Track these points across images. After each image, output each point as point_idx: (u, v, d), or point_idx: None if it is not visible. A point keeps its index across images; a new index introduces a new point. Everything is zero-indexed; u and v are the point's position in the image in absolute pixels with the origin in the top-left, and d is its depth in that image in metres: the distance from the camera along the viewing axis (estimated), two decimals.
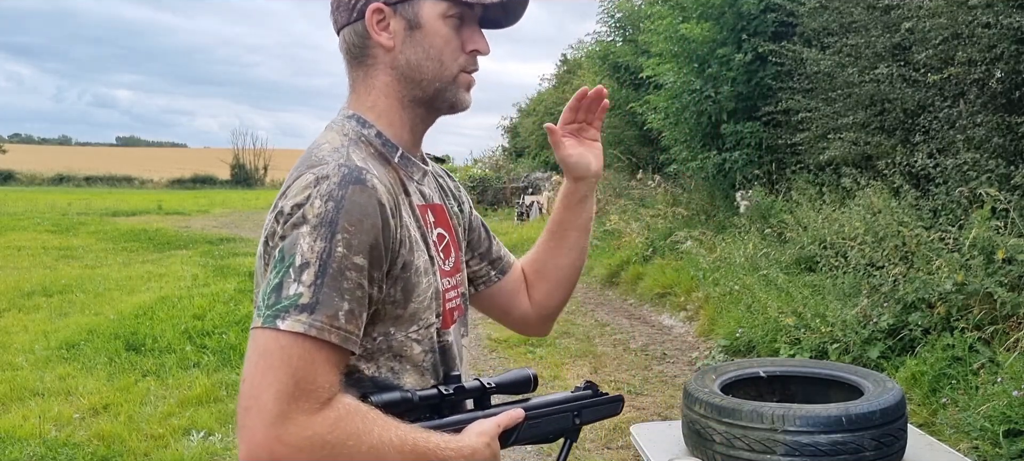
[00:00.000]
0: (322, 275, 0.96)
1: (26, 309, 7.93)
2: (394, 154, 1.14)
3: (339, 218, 0.97)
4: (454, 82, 1.16)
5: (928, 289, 4.45)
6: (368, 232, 0.99)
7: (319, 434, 0.93)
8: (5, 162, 48.26)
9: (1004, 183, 4.81)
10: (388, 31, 1.12)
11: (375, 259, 1.00)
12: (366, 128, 1.14)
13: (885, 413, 2.13)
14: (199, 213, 24.07)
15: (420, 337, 1.11)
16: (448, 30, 1.13)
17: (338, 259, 0.96)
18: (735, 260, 7.09)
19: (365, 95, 1.16)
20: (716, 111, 8.93)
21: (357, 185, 1.00)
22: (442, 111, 1.19)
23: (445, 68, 1.14)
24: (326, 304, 0.95)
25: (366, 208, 1.00)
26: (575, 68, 21.98)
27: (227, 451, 4.14)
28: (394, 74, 1.14)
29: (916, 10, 5.65)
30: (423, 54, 1.13)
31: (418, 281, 1.09)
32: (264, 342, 0.94)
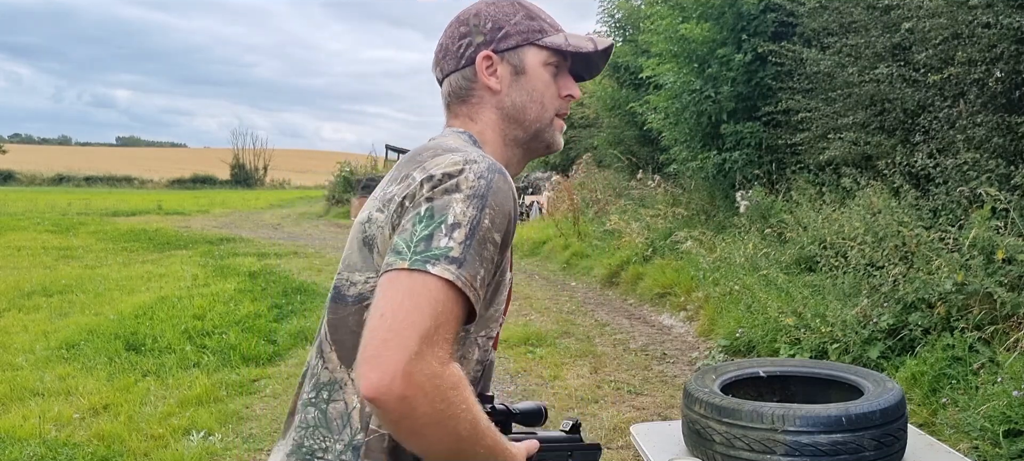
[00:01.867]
0: (471, 238, 1.01)
1: (26, 309, 7.93)
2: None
3: (488, 195, 1.05)
4: (551, 124, 1.27)
5: (928, 289, 4.45)
6: (506, 216, 1.07)
7: (446, 385, 0.95)
8: (5, 162, 48.27)
9: (1004, 183, 4.81)
10: (496, 76, 1.24)
11: (504, 242, 1.08)
12: (476, 146, 1.21)
13: (885, 413, 2.13)
14: (199, 213, 24.07)
15: (482, 343, 1.17)
16: (548, 76, 1.25)
17: (484, 229, 1.03)
18: (735, 260, 7.09)
19: (471, 124, 1.25)
20: (716, 111, 8.93)
21: (500, 174, 1.09)
22: (538, 152, 1.29)
23: (545, 110, 1.25)
24: (471, 264, 1.00)
25: (507, 195, 1.08)
26: None
27: (227, 451, 4.14)
28: (499, 114, 1.24)
29: (916, 10, 5.65)
30: (527, 97, 1.24)
31: (501, 291, 1.16)
32: (411, 283, 0.97)
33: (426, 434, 0.95)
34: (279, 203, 29.43)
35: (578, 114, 19.48)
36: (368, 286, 1.10)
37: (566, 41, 1.26)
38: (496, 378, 5.47)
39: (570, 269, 10.50)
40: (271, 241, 15.47)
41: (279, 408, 4.80)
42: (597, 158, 16.51)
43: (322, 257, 12.51)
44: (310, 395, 1.17)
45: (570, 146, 20.80)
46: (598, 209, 12.92)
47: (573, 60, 1.29)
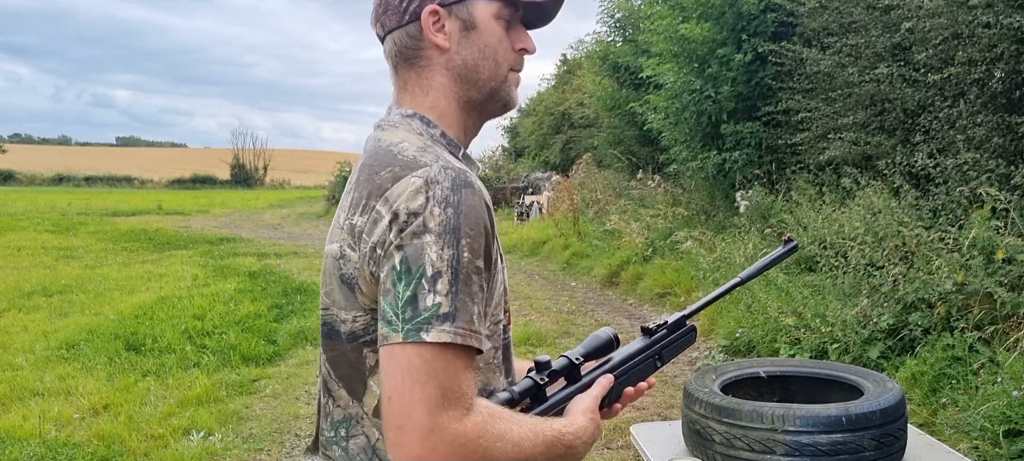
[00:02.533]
0: (455, 282, 0.97)
1: (26, 309, 7.93)
2: (457, 153, 1.15)
3: (461, 224, 0.99)
4: (506, 81, 1.18)
5: (928, 289, 4.45)
6: (483, 235, 1.02)
7: (471, 439, 0.95)
8: (5, 162, 48.27)
9: (1004, 183, 4.81)
10: (444, 32, 1.14)
11: (488, 259, 1.04)
12: (431, 128, 1.14)
13: (885, 413, 2.13)
14: (199, 213, 24.08)
15: (491, 333, 1.11)
16: (500, 30, 1.15)
17: (466, 265, 0.98)
18: (735, 260, 7.09)
19: (422, 96, 1.16)
20: (716, 111, 8.93)
21: (468, 188, 1.02)
22: (495, 112, 1.20)
23: (499, 67, 1.16)
24: (463, 310, 0.97)
25: (479, 211, 1.02)
26: (575, 68, 21.97)
27: (227, 451, 4.14)
28: (450, 75, 1.15)
29: (916, 10, 5.65)
30: (479, 54, 1.14)
31: (498, 279, 1.12)
32: (408, 358, 0.95)
33: None
34: (279, 203, 29.43)
35: (578, 114, 19.49)
36: (358, 324, 1.09)
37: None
38: None
39: (570, 269, 10.50)
40: (271, 241, 15.47)
41: (279, 408, 4.80)
42: (597, 158, 16.51)
43: (322, 257, 12.49)
44: (329, 434, 1.16)
45: (570, 146, 20.80)
46: (598, 209, 12.92)
47: (525, 9, 1.19)
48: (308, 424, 4.51)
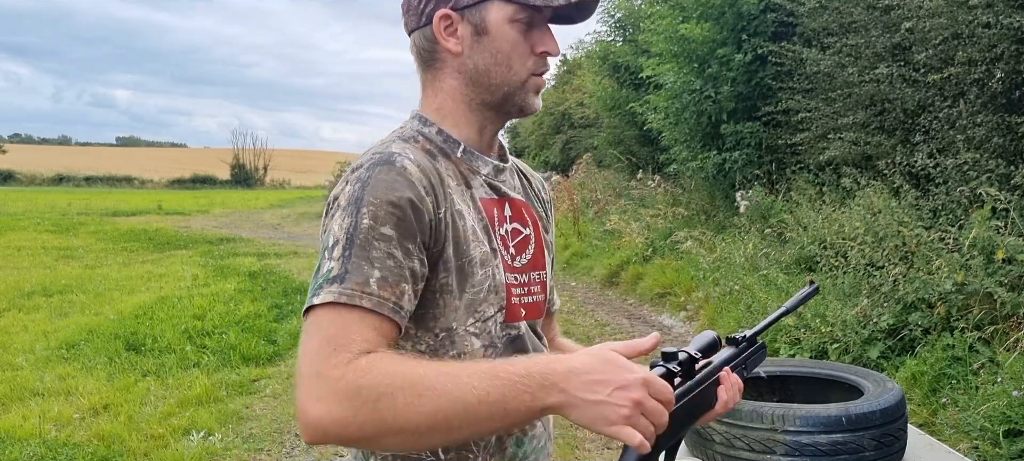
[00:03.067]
0: (350, 247, 0.97)
1: (26, 309, 7.93)
2: (456, 149, 1.14)
3: (365, 194, 1.00)
4: (523, 86, 1.14)
5: (928, 289, 4.45)
6: (394, 205, 1.00)
7: (352, 381, 0.88)
8: (5, 162, 48.27)
9: (1004, 183, 4.81)
10: (456, 36, 1.12)
11: (405, 231, 1.00)
12: (426, 126, 1.15)
13: (885, 413, 2.13)
14: (199, 213, 24.08)
15: (478, 331, 1.10)
16: (515, 34, 1.12)
17: (364, 230, 0.98)
18: (735, 260, 7.09)
19: (433, 97, 1.16)
20: (716, 111, 8.93)
21: (384, 165, 1.03)
22: (512, 114, 1.18)
23: (514, 72, 1.13)
24: (355, 273, 0.96)
25: (392, 183, 1.01)
26: (575, 68, 21.97)
27: (227, 451, 4.14)
28: (462, 78, 1.14)
29: (916, 10, 5.65)
30: (491, 59, 1.12)
31: (473, 271, 1.08)
32: (305, 325, 0.96)
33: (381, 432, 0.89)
34: (279, 203, 29.44)
35: (578, 114, 19.49)
36: None
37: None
38: None
39: (570, 269, 10.50)
40: (271, 241, 15.47)
41: (279, 408, 4.80)
42: (597, 158, 16.52)
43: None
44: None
45: (570, 146, 20.80)
46: (598, 209, 12.93)
47: (555, 9, 1.13)
48: None
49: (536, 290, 1.20)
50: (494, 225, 1.15)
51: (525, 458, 1.16)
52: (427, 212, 1.03)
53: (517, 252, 1.17)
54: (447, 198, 1.07)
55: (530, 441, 1.17)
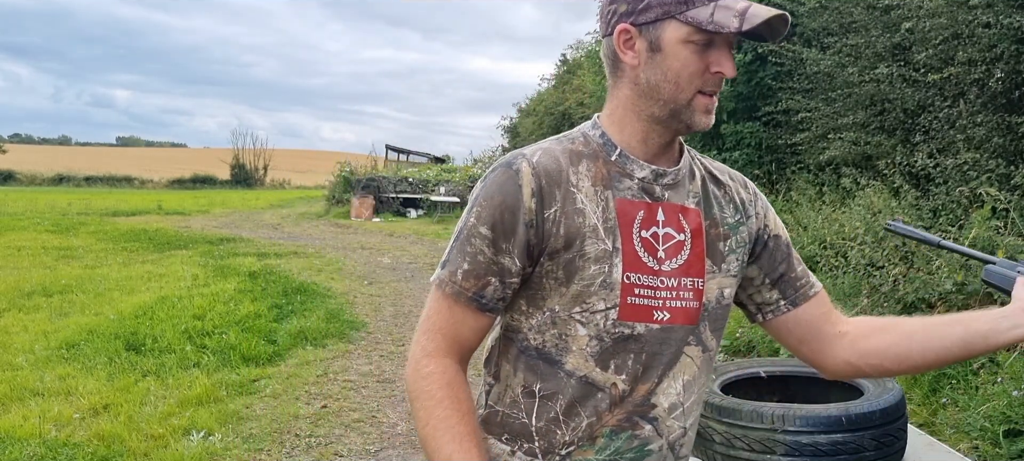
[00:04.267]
0: (457, 239, 1.18)
1: (26, 309, 7.93)
2: (612, 152, 1.21)
3: (480, 195, 1.17)
4: (689, 105, 1.17)
5: (928, 289, 4.45)
6: (497, 207, 1.14)
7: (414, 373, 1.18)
8: (5, 162, 48.29)
9: (1004, 183, 4.81)
10: (633, 50, 1.17)
11: (502, 231, 1.14)
12: (593, 129, 1.23)
13: (885, 413, 2.13)
14: (199, 213, 24.07)
15: (585, 320, 1.17)
16: (688, 53, 1.14)
17: (469, 227, 1.16)
18: None
19: (610, 102, 1.24)
20: (716, 111, 8.94)
21: (502, 167, 1.17)
22: (680, 130, 1.21)
23: (681, 91, 1.16)
24: (452, 262, 1.17)
25: (502, 186, 1.15)
26: (575, 68, 21.97)
27: (227, 451, 4.14)
28: (635, 90, 1.19)
29: (916, 10, 5.65)
30: (661, 76, 1.16)
31: (584, 266, 1.15)
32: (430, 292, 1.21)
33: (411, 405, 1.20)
34: (279, 203, 29.43)
35: (578, 114, 19.49)
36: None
37: (711, 17, 1.12)
38: None
39: None
40: (271, 241, 15.47)
41: (279, 408, 4.80)
42: None
43: (322, 257, 12.51)
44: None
45: None
46: None
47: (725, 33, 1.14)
48: (308, 424, 4.51)
49: (688, 296, 1.22)
50: (630, 226, 1.19)
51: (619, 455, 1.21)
52: (531, 213, 1.14)
53: (668, 256, 1.20)
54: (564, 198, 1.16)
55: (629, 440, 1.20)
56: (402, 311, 7.92)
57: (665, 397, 1.22)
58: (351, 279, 10.11)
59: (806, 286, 1.35)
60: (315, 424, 4.52)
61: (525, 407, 1.21)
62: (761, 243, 1.33)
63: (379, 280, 10.05)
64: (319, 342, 6.42)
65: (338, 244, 14.68)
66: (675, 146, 1.26)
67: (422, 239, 15.75)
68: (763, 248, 1.34)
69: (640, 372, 1.20)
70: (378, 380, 5.43)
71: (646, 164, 1.21)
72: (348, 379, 5.44)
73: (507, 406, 1.23)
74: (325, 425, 4.51)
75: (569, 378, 1.19)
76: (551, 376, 1.20)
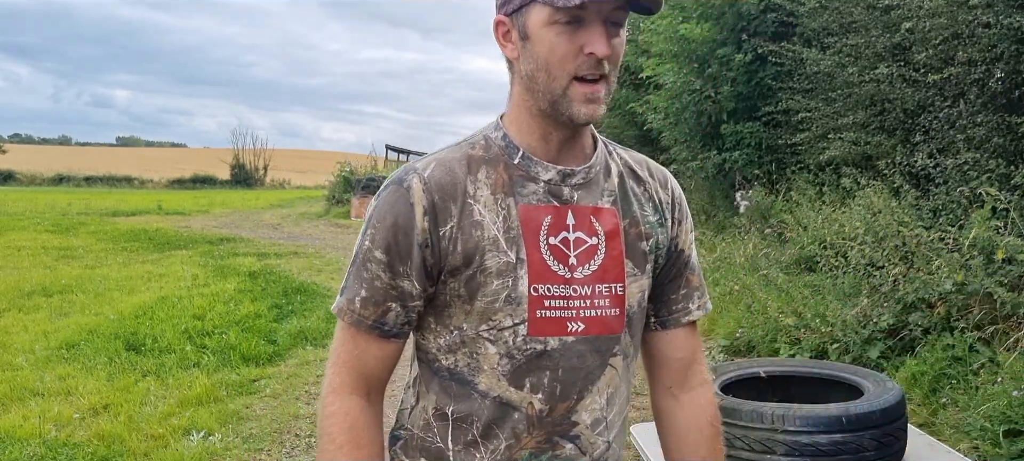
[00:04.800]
0: (353, 265, 1.13)
1: (26, 309, 7.93)
2: (515, 155, 1.13)
3: (373, 215, 1.11)
4: (565, 94, 1.07)
5: (928, 289, 4.44)
6: (390, 229, 1.09)
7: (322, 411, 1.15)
8: (5, 162, 48.26)
9: (1004, 183, 4.81)
10: (511, 42, 1.11)
11: (397, 254, 1.09)
12: (496, 130, 1.16)
13: (885, 413, 2.13)
14: (199, 213, 24.07)
15: (493, 337, 1.10)
16: (554, 36, 1.05)
17: (364, 252, 1.11)
18: (735, 260, 7.09)
19: (509, 101, 1.18)
20: (716, 111, 8.93)
21: (394, 185, 1.11)
22: (565, 124, 1.11)
23: (554, 79, 1.07)
24: (350, 289, 1.12)
25: (393, 206, 1.09)
26: None
27: (227, 451, 4.14)
28: (521, 85, 1.12)
29: (916, 10, 5.65)
30: (534, 64, 1.08)
31: (486, 281, 1.09)
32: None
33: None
34: (279, 203, 29.43)
35: None
36: None
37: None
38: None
39: None
40: (271, 241, 15.46)
41: (279, 408, 4.80)
42: None
43: (322, 257, 12.51)
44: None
45: None
46: None
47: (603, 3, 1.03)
48: (308, 424, 4.51)
49: (604, 304, 1.13)
50: (536, 234, 1.10)
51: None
52: (422, 232, 1.08)
53: (580, 262, 1.12)
54: (460, 212, 1.08)
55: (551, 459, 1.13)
56: None
57: (588, 413, 1.14)
58: None
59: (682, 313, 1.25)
60: (315, 424, 4.52)
61: (439, 430, 1.14)
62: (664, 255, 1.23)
63: None
64: (319, 342, 6.42)
65: (338, 244, 14.67)
66: (584, 142, 1.16)
67: None
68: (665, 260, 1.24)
69: (558, 389, 1.11)
70: None
71: (551, 165, 1.13)
72: None
73: (421, 429, 1.17)
74: None
75: (483, 399, 1.11)
76: (464, 397, 1.12)
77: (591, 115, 1.08)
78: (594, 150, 1.18)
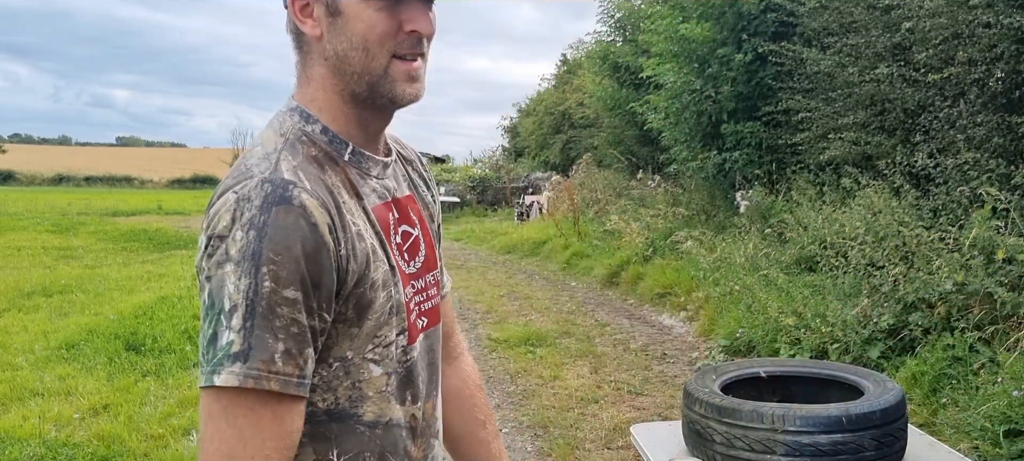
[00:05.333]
0: (251, 316, 0.86)
1: (26, 309, 7.93)
2: (344, 150, 1.02)
3: (263, 249, 0.87)
4: (387, 74, 1.00)
5: (928, 289, 4.44)
6: (297, 260, 0.88)
7: None
8: (5, 162, 48.29)
9: (1004, 183, 4.81)
10: (313, 18, 1.00)
11: (310, 287, 0.90)
12: (310, 123, 1.01)
13: (885, 413, 2.13)
14: (199, 213, 24.04)
15: (379, 357, 1.00)
16: (372, 12, 0.97)
17: (266, 295, 0.87)
18: (735, 260, 7.09)
19: (306, 85, 1.03)
20: (716, 111, 8.93)
21: (281, 206, 0.89)
22: (384, 107, 1.04)
23: (373, 58, 0.99)
24: (260, 348, 0.87)
25: (293, 233, 0.89)
26: (575, 68, 21.98)
27: None
28: (327, 66, 1.01)
29: (916, 10, 5.65)
30: (348, 43, 0.98)
31: (375, 296, 0.98)
32: (208, 404, 0.88)
33: None
34: None
35: (578, 114, 19.49)
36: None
37: None
38: (496, 378, 5.47)
39: (570, 269, 10.49)
40: None
41: None
42: (597, 158, 16.53)
43: None
44: None
45: (570, 146, 20.80)
46: (598, 209, 12.93)
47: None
48: None
49: (433, 293, 1.12)
50: (389, 234, 1.04)
51: None
52: (332, 255, 0.92)
53: (410, 257, 1.07)
54: (346, 225, 0.95)
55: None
56: None
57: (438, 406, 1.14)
58: None
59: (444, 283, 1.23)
60: None
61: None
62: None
63: None
64: None
65: None
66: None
67: None
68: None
69: (424, 391, 1.08)
70: None
71: (377, 157, 1.06)
72: None
73: None
74: None
75: (371, 430, 1.01)
76: (348, 435, 0.99)
77: (415, 94, 1.02)
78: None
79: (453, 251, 13.46)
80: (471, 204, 21.09)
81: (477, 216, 19.85)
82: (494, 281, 9.92)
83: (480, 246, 13.98)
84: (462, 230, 16.61)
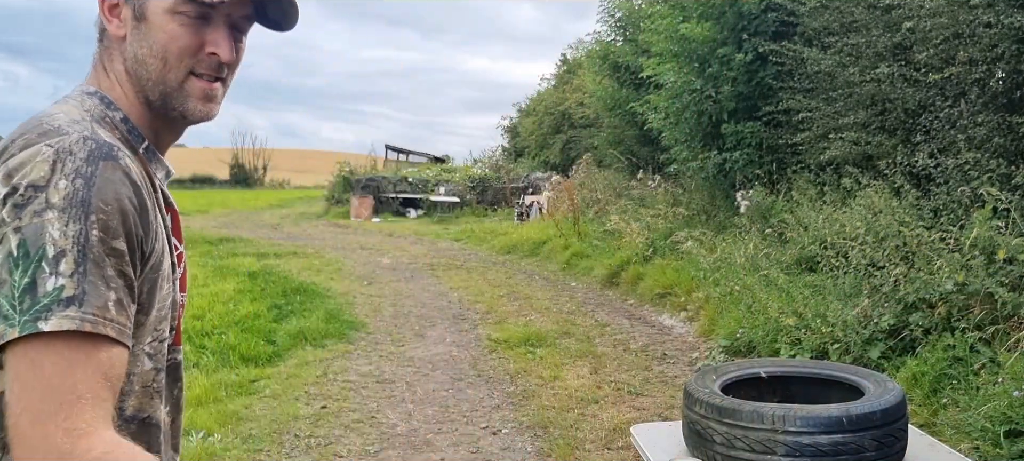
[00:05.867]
0: (83, 261, 0.83)
1: None
2: (140, 143, 1.02)
3: (91, 197, 0.85)
4: (181, 88, 1.01)
5: (929, 289, 4.44)
6: (125, 214, 0.88)
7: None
8: None
9: (1005, 183, 4.81)
10: (119, 19, 1.00)
11: (136, 244, 0.90)
12: (111, 110, 1.01)
13: (886, 413, 2.12)
14: (198, 213, 24.07)
15: (153, 350, 0.99)
16: (176, 26, 0.98)
17: (95, 244, 0.84)
18: (735, 260, 7.08)
19: (104, 77, 1.03)
20: (716, 111, 8.92)
21: (108, 160, 0.88)
22: (177, 120, 1.04)
23: (169, 70, 0.99)
24: (94, 294, 0.83)
25: (118, 187, 0.88)
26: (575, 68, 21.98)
27: (227, 451, 4.13)
28: (125, 67, 1.01)
29: (917, 10, 5.64)
30: (147, 50, 0.99)
31: (163, 285, 0.98)
32: (27, 355, 0.80)
33: None
34: (279, 203, 29.44)
35: (578, 114, 19.48)
36: None
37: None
38: (496, 378, 5.46)
39: (570, 269, 10.49)
40: (271, 241, 15.46)
41: (278, 408, 4.80)
42: (597, 158, 16.52)
43: (322, 257, 12.50)
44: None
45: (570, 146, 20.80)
46: (598, 209, 12.92)
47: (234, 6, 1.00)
48: (308, 424, 4.51)
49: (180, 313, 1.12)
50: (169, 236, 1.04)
51: None
52: (147, 222, 0.92)
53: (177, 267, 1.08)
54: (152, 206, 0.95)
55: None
56: (401, 311, 7.91)
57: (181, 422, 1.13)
58: (351, 279, 10.10)
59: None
60: (315, 424, 4.51)
61: None
62: None
63: (378, 280, 10.05)
64: (318, 342, 6.42)
65: (338, 244, 14.67)
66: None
67: (422, 239, 15.73)
68: None
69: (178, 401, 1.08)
70: (377, 380, 5.42)
71: (164, 163, 1.07)
72: (347, 379, 5.43)
73: None
74: (324, 425, 4.50)
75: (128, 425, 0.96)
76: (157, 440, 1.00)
77: (207, 114, 1.03)
78: None
79: (453, 251, 13.47)
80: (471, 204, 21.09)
81: (477, 216, 19.84)
82: (494, 281, 9.92)
83: (480, 246, 13.98)
84: (462, 230, 16.60)
